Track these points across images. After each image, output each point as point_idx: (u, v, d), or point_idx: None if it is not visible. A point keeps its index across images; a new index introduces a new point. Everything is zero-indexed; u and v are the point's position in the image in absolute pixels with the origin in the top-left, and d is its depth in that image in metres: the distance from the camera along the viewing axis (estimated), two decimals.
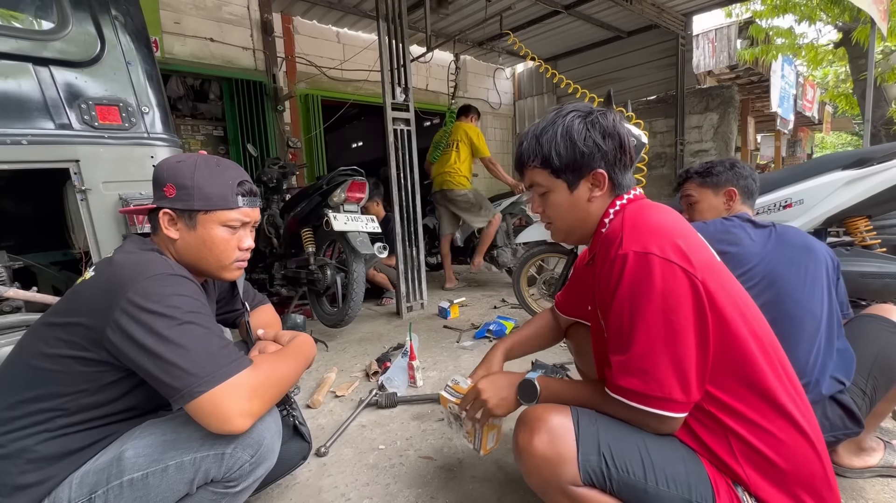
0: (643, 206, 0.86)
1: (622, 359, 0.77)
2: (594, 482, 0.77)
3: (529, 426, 0.81)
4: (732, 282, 0.83)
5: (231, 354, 0.82)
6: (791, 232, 1.22)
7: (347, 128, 8.25)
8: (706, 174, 1.38)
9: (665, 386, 0.73)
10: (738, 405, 0.76)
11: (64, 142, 1.48)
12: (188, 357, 0.78)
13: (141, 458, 0.81)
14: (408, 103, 3.16)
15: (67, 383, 0.82)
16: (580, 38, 5.86)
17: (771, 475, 0.76)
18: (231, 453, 0.83)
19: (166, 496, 0.82)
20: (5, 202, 2.03)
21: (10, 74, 1.41)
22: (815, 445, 0.77)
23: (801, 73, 8.06)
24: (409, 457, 1.48)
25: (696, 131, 5.42)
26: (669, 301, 0.73)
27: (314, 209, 2.76)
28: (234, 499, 0.89)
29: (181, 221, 0.95)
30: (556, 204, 0.91)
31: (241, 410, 0.79)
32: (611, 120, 0.87)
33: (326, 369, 2.22)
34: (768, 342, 0.81)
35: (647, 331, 0.74)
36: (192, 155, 0.98)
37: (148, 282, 0.81)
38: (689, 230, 0.83)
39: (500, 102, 6.93)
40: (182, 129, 5.01)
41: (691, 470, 0.78)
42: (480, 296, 3.75)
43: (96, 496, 0.80)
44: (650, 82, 5.75)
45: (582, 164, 0.86)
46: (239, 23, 4.30)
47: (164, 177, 0.95)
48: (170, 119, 1.73)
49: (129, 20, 1.64)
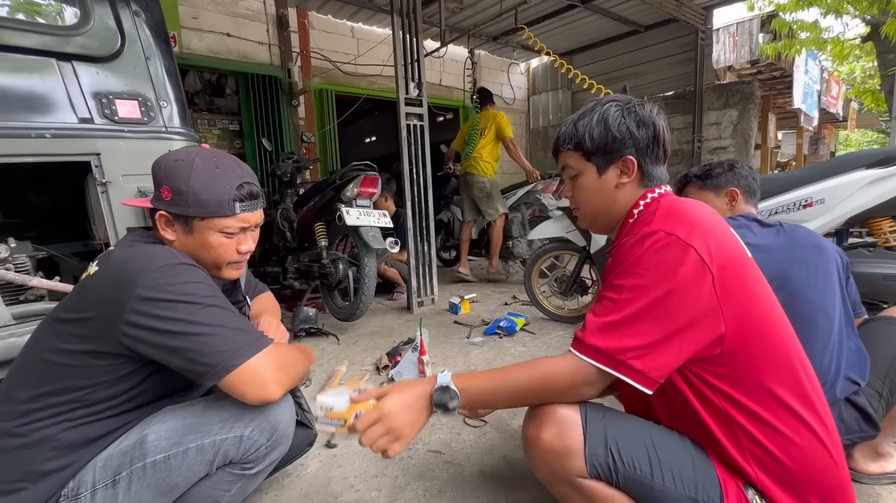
0: (680, 199, 0.86)
1: (606, 320, 0.76)
2: (601, 475, 0.77)
3: (538, 419, 0.82)
4: (761, 279, 0.83)
5: (255, 331, 0.87)
6: (800, 231, 1.21)
7: (361, 123, 8.28)
8: (705, 177, 1.38)
9: (644, 358, 0.73)
10: (753, 405, 0.76)
11: (86, 135, 1.52)
12: (218, 334, 0.81)
13: (163, 442, 0.84)
14: (421, 98, 3.16)
15: (84, 377, 0.83)
16: (596, 33, 5.78)
17: (782, 478, 0.75)
18: (249, 436, 0.87)
19: (187, 476, 0.85)
20: (30, 194, 2.09)
21: (35, 69, 1.45)
22: (831, 450, 0.76)
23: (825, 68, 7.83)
24: (418, 451, 1.49)
25: (715, 128, 5.31)
26: (680, 284, 0.72)
27: (327, 203, 2.78)
28: (249, 482, 0.93)
29: (178, 224, 0.93)
30: (584, 187, 0.93)
31: (275, 378, 0.85)
32: (648, 110, 0.87)
33: (337, 362, 2.24)
34: (792, 341, 0.81)
35: (648, 304, 0.73)
36: (192, 152, 0.93)
37: (158, 274, 0.81)
38: (721, 225, 0.82)
39: (513, 97, 6.88)
40: (199, 124, 5.09)
41: (700, 469, 0.77)
42: (491, 292, 3.75)
43: (120, 477, 0.83)
44: (668, 78, 5.65)
45: (613, 149, 0.87)
46: (255, 18, 4.33)
47: (160, 177, 0.91)
48: (187, 113, 1.76)
49: (149, 15, 1.67)
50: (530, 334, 2.63)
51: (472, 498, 1.25)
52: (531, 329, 2.71)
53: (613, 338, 0.74)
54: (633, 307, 0.74)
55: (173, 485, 0.85)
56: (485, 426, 1.63)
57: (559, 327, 2.76)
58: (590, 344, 0.76)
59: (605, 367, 0.75)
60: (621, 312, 0.75)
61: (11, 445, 0.81)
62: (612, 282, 0.79)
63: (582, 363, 0.77)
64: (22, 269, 1.53)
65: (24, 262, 1.55)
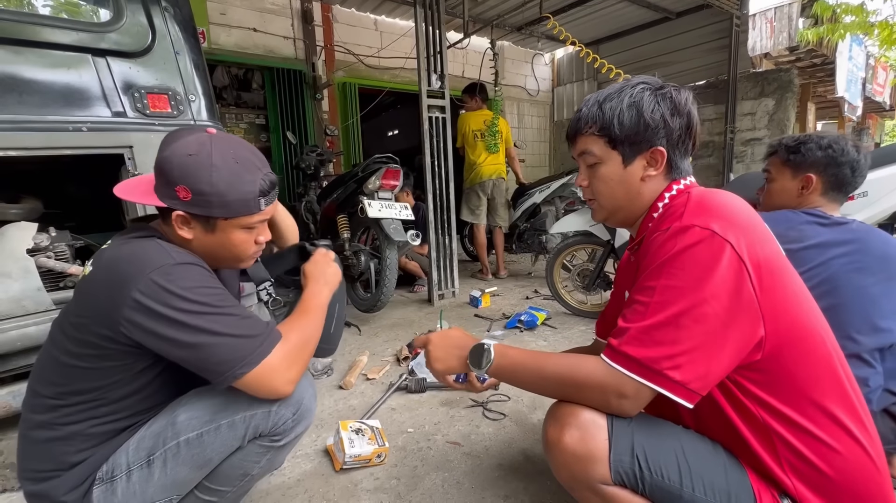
0: (710, 190, 0.80)
1: (638, 326, 0.70)
2: (626, 483, 0.74)
3: (560, 420, 0.78)
4: (798, 281, 0.77)
5: (260, 333, 0.83)
6: (874, 237, 1.07)
7: (384, 116, 8.30)
8: (793, 150, 1.17)
9: (683, 368, 0.67)
10: (793, 413, 0.71)
11: (119, 129, 1.57)
12: (221, 344, 0.79)
13: (194, 421, 0.87)
14: (443, 90, 3.14)
15: (100, 378, 0.83)
16: (625, 21, 5.59)
17: (821, 487, 0.71)
18: (276, 410, 0.90)
19: (221, 450, 0.89)
20: (68, 185, 2.19)
21: (73, 65, 1.51)
22: (874, 457, 0.72)
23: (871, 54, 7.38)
24: (437, 442, 1.50)
25: (749, 118, 5.08)
26: (719, 284, 0.67)
27: (349, 196, 2.81)
28: (278, 453, 0.96)
29: (197, 224, 0.87)
30: (606, 177, 0.84)
31: (285, 380, 0.86)
32: (684, 97, 0.80)
33: (359, 352, 2.27)
34: (833, 346, 0.75)
35: (684, 308, 0.68)
36: (203, 142, 0.84)
37: (153, 277, 0.77)
38: (756, 220, 0.76)
39: (537, 89, 6.77)
40: (226, 118, 5.21)
41: (733, 478, 0.74)
42: (513, 286, 3.72)
43: (154, 457, 0.85)
44: (699, 66, 5.42)
45: (643, 139, 0.80)
46: (281, 12, 4.39)
47: (174, 175, 0.81)
48: (215, 107, 1.80)
49: (178, 11, 1.71)
50: (551, 329, 2.60)
51: (489, 490, 1.25)
52: (552, 323, 2.68)
53: (647, 347, 0.69)
54: (667, 311, 0.68)
55: (208, 459, 0.88)
56: (504, 419, 1.62)
57: (581, 322, 2.71)
58: (622, 352, 0.71)
59: (639, 378, 0.69)
60: (654, 317, 0.69)
61: (43, 437, 0.83)
62: (642, 283, 0.73)
63: (613, 371, 0.71)
64: (62, 257, 1.61)
65: (64, 251, 1.63)
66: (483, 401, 1.74)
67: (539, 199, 3.99)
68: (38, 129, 1.44)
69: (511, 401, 1.75)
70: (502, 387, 1.84)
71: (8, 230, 1.50)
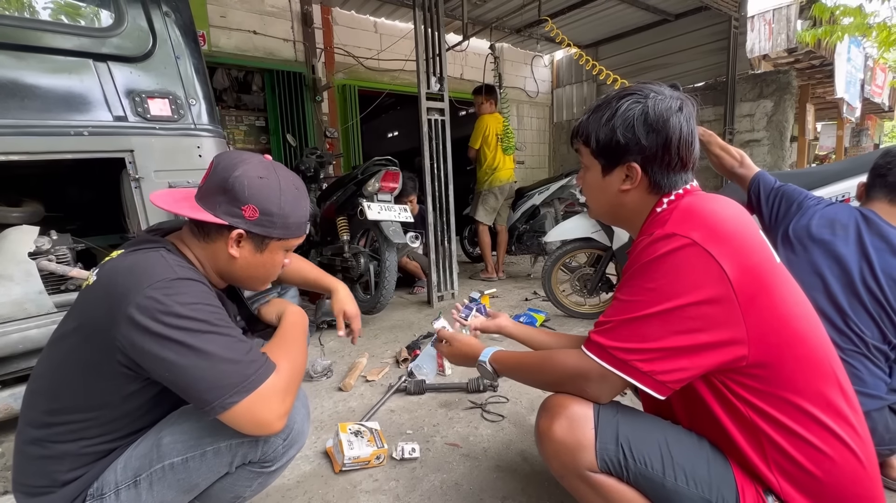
0: (701, 196, 0.82)
1: (614, 319, 0.77)
2: (611, 470, 0.78)
3: (550, 412, 0.83)
4: (792, 285, 0.78)
5: (255, 360, 0.79)
6: None
7: (384, 118, 8.33)
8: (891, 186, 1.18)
9: (654, 362, 0.72)
10: (782, 417, 0.72)
11: (120, 133, 1.58)
12: (213, 368, 0.74)
13: (178, 444, 0.84)
14: (443, 93, 3.15)
15: (91, 398, 0.81)
16: (623, 23, 5.62)
17: (807, 488, 0.72)
18: (265, 438, 0.86)
19: (207, 476, 0.86)
20: (70, 188, 2.20)
21: (74, 70, 1.52)
22: (864, 460, 0.73)
23: (870, 55, 7.39)
24: (436, 443, 1.51)
25: (748, 120, 5.10)
26: (695, 292, 0.70)
27: (349, 198, 2.82)
28: (269, 478, 0.94)
29: (249, 243, 0.87)
30: (590, 183, 0.92)
31: (278, 413, 0.79)
32: (663, 113, 0.79)
33: (358, 354, 2.28)
34: (827, 348, 0.77)
35: (659, 309, 0.72)
36: (268, 167, 0.87)
37: (151, 292, 0.74)
38: (747, 227, 0.77)
39: (537, 91, 6.78)
40: (227, 120, 5.22)
41: (715, 471, 0.76)
42: (512, 287, 3.73)
43: (141, 479, 0.83)
44: (698, 68, 5.44)
45: (616, 153, 0.84)
46: (280, 15, 4.40)
47: (244, 194, 0.82)
48: (215, 110, 1.81)
49: (178, 16, 1.72)
50: (550, 330, 2.60)
51: (488, 491, 1.26)
52: (551, 325, 2.69)
53: (617, 337, 0.75)
54: (642, 309, 0.73)
55: (194, 484, 0.86)
56: (502, 421, 1.63)
57: (579, 324, 2.72)
58: (594, 340, 0.78)
59: (605, 364, 0.75)
60: (629, 313, 0.75)
61: (36, 454, 0.82)
62: (624, 282, 0.79)
63: (584, 358, 0.78)
64: (63, 261, 1.62)
65: (65, 254, 1.64)
66: (482, 403, 1.75)
67: (538, 201, 3.99)
68: (41, 133, 1.46)
69: (510, 402, 1.76)
70: (501, 390, 1.85)
71: (10, 233, 1.51)
